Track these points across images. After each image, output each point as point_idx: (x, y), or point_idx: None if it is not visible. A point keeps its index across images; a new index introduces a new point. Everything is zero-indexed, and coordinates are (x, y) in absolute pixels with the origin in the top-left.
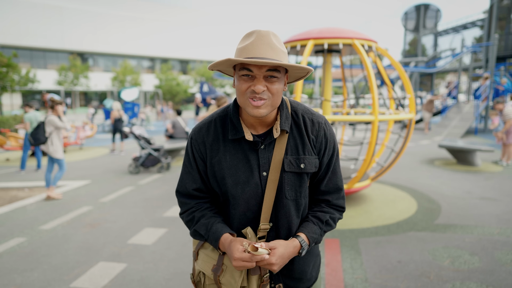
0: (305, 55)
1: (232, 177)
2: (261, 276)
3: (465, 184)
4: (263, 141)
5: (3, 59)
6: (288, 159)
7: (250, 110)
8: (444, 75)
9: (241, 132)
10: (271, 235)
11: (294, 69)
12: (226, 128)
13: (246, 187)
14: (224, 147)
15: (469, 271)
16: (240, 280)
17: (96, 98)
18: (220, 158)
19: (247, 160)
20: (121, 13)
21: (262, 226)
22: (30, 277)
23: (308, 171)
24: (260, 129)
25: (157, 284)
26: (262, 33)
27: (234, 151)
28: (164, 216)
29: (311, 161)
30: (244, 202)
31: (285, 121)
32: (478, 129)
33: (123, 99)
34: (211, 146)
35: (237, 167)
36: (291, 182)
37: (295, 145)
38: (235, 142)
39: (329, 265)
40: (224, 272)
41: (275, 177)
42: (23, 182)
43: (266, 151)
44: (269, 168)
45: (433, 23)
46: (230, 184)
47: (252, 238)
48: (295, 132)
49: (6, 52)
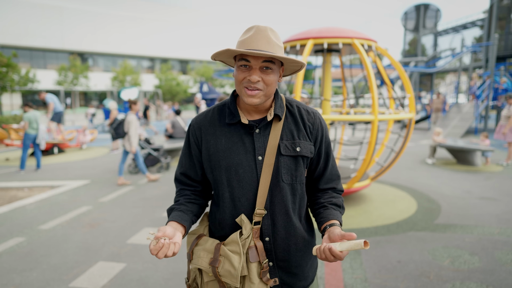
0: (304, 54)
1: (227, 159)
2: (260, 263)
3: (465, 184)
4: (258, 125)
5: (3, 59)
6: (283, 143)
7: (245, 99)
8: (444, 75)
9: (237, 117)
10: (266, 222)
11: (288, 62)
12: (223, 115)
13: (240, 169)
14: (220, 131)
15: (469, 271)
16: (240, 268)
17: (96, 98)
18: (216, 141)
19: (242, 143)
20: (121, 13)
21: (258, 210)
22: (29, 277)
23: (303, 154)
24: (256, 116)
25: (156, 284)
26: (260, 28)
27: (230, 135)
28: (164, 216)
29: (306, 146)
30: (239, 186)
31: (279, 108)
32: (478, 129)
33: (122, 99)
34: (207, 130)
35: (232, 149)
36: (287, 166)
37: (290, 131)
38: (231, 126)
39: (329, 265)
40: (222, 263)
41: (270, 161)
42: (22, 182)
43: (261, 136)
44: (265, 152)
45: (433, 23)
46: (225, 166)
47: (247, 224)
48: (290, 120)
49: (6, 52)
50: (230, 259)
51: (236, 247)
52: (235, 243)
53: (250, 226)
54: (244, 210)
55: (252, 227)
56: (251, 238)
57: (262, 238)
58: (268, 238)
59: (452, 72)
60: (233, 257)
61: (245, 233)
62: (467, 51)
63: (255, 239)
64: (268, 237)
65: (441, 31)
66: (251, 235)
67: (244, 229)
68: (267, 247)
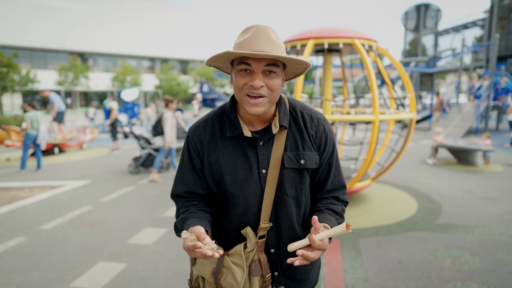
0: (305, 54)
1: (231, 175)
2: (263, 277)
3: (465, 184)
4: (261, 137)
5: (4, 59)
6: (287, 155)
7: (248, 108)
8: (445, 75)
9: (239, 129)
10: (272, 235)
11: (293, 63)
12: (223, 126)
13: (245, 185)
14: (222, 145)
15: (470, 271)
16: (242, 282)
17: (96, 98)
18: (218, 155)
19: (246, 157)
20: (121, 13)
21: (263, 225)
22: (30, 277)
23: (308, 167)
24: (258, 126)
25: (157, 284)
26: (260, 27)
27: (233, 148)
28: (164, 216)
29: (311, 157)
30: (243, 201)
31: (284, 116)
32: (478, 129)
33: (123, 99)
34: (208, 144)
35: (236, 164)
36: (291, 179)
37: (294, 141)
38: (233, 139)
39: (330, 265)
40: (225, 275)
41: (274, 174)
42: (23, 182)
43: (265, 148)
44: (269, 165)
45: (433, 22)
46: (229, 182)
47: (252, 238)
48: (294, 128)
49: (7, 52)
50: (233, 272)
51: (240, 260)
52: (239, 256)
53: (255, 240)
54: (249, 223)
55: (257, 241)
56: (255, 252)
57: (267, 250)
58: (274, 250)
59: (453, 72)
60: (236, 270)
61: (250, 246)
62: (468, 51)
63: (259, 252)
64: (273, 249)
65: (441, 31)
66: (255, 248)
67: (249, 242)
68: (272, 259)
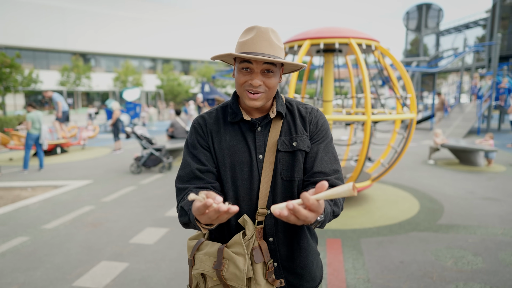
0: (299, 55)
1: (232, 157)
2: (265, 264)
3: (467, 184)
4: (260, 123)
5: (6, 59)
6: (281, 139)
7: (247, 101)
8: (446, 75)
9: (239, 115)
10: (270, 222)
11: (289, 65)
12: (226, 114)
13: (245, 167)
14: (224, 130)
15: (473, 272)
16: (245, 269)
17: (98, 98)
18: (220, 139)
19: (245, 142)
20: (123, 13)
21: (260, 210)
22: (33, 276)
23: (300, 148)
24: (257, 115)
25: (158, 283)
26: (262, 29)
27: (234, 133)
28: (166, 215)
29: (304, 140)
30: (243, 185)
31: (280, 106)
32: (480, 129)
33: (125, 99)
34: (211, 129)
35: (236, 147)
36: (285, 162)
37: (288, 128)
38: (234, 125)
39: (331, 265)
40: (227, 266)
41: (271, 159)
42: (26, 181)
43: (262, 134)
44: (265, 150)
45: (435, 22)
46: (229, 164)
47: (250, 225)
48: (289, 118)
49: (9, 52)
50: (235, 261)
51: (240, 248)
52: (239, 245)
53: (253, 227)
54: (247, 209)
55: (255, 227)
56: (254, 239)
57: (266, 238)
58: (272, 238)
59: (455, 72)
60: (237, 258)
61: (249, 233)
62: (470, 51)
63: (258, 239)
64: (272, 237)
65: (443, 30)
66: (255, 235)
67: (248, 229)
68: (271, 248)
